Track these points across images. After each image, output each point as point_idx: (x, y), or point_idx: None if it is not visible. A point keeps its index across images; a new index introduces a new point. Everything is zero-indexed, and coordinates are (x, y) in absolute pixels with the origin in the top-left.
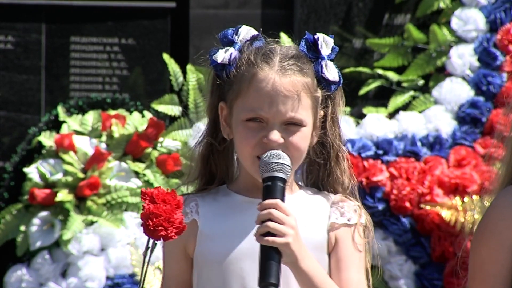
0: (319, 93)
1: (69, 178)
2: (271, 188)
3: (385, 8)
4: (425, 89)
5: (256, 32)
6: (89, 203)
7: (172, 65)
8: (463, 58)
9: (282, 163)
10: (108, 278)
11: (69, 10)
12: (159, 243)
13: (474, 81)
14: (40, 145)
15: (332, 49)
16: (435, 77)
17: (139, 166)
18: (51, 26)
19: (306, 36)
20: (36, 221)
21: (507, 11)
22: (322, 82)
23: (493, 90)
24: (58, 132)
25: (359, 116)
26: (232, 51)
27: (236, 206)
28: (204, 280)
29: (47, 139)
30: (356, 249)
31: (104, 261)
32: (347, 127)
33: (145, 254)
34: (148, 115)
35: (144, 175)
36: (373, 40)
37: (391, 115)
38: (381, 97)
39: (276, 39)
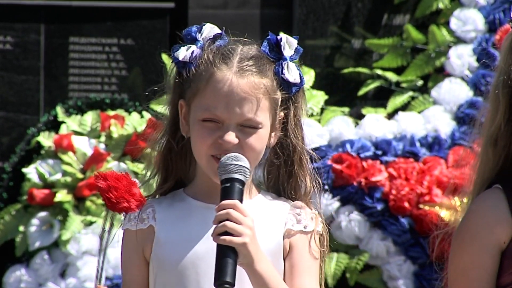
0: (279, 94)
1: (68, 179)
2: (229, 189)
3: (384, 9)
4: (424, 90)
5: (219, 31)
6: (88, 203)
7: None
8: (462, 58)
9: (241, 165)
10: (107, 278)
11: (68, 10)
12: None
13: (473, 82)
14: (39, 146)
15: (296, 50)
16: (434, 78)
17: (138, 167)
18: (50, 27)
19: (269, 36)
20: (35, 221)
21: (506, 12)
22: (283, 83)
23: None
24: (57, 132)
25: (358, 117)
26: (194, 49)
27: (192, 211)
28: (160, 285)
29: (46, 140)
30: (311, 256)
31: None
32: (346, 127)
33: (102, 237)
34: (147, 115)
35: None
36: (372, 40)
37: (390, 116)
38: (380, 98)
39: (240, 38)
